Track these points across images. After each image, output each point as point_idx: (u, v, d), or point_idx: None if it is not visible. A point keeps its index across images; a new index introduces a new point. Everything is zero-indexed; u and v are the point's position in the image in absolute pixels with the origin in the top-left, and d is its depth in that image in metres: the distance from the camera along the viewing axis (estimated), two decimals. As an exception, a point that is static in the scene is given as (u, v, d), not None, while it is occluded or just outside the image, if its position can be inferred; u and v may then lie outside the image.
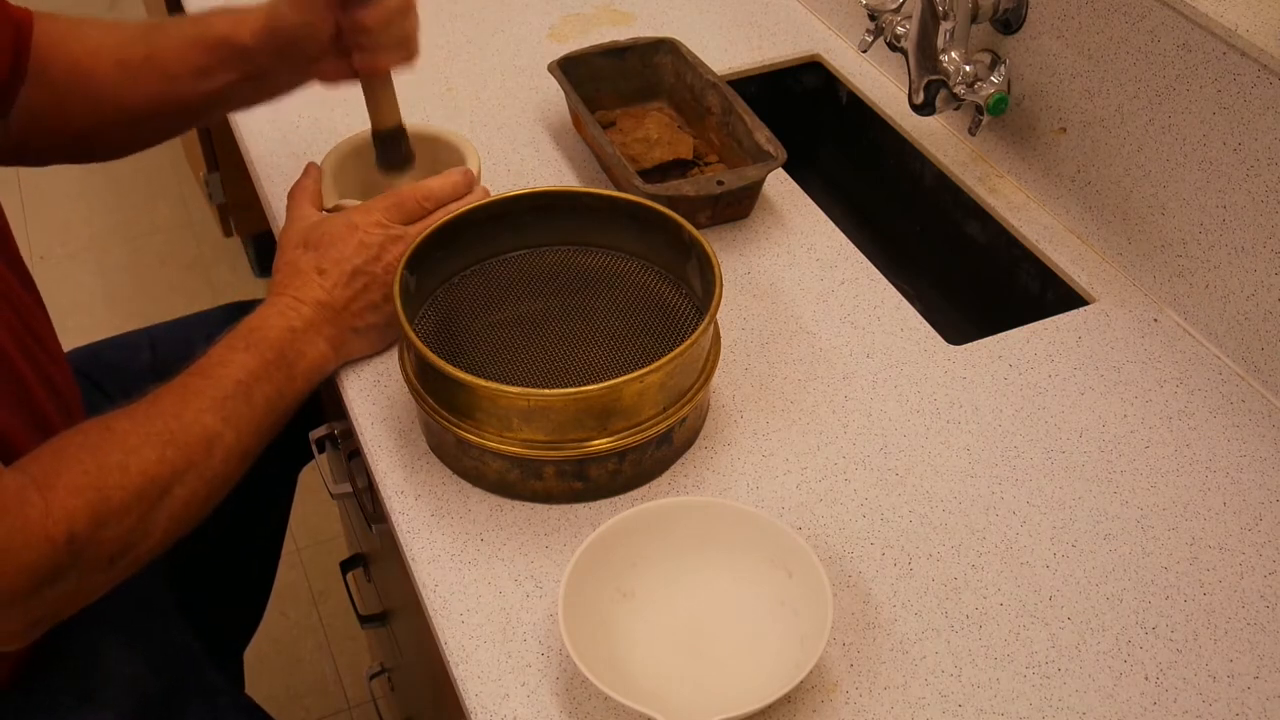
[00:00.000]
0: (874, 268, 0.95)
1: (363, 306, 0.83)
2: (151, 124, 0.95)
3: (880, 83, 1.17)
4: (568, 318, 0.85)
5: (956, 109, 1.02)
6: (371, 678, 1.47)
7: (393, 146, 0.92)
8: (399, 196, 0.85)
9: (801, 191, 1.03)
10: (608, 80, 1.11)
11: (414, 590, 0.75)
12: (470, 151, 0.93)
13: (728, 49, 1.21)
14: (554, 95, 1.14)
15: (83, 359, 1.07)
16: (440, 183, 0.86)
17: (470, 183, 0.88)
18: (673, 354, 0.74)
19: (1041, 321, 0.91)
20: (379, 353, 0.87)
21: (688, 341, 0.75)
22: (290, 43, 0.88)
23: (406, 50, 0.89)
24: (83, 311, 2.30)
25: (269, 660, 1.73)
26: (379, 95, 0.91)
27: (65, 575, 0.69)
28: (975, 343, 0.90)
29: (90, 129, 0.92)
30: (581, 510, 0.77)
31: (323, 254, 0.83)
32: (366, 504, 0.94)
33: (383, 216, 0.84)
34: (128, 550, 0.72)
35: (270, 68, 0.90)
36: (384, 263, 0.83)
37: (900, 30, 1.05)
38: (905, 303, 0.92)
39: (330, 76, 0.92)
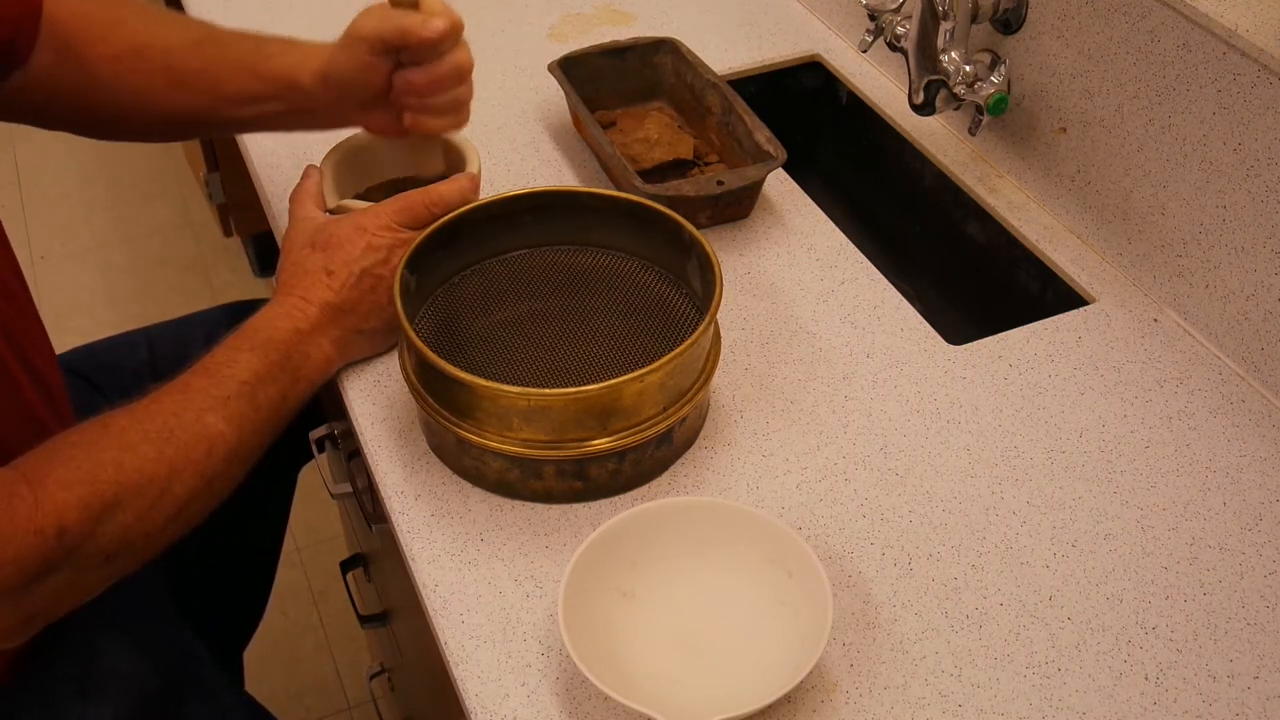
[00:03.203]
0: (874, 268, 0.95)
1: (369, 308, 0.83)
2: (184, 129, 0.96)
3: (880, 83, 1.17)
4: (568, 318, 0.85)
5: (956, 109, 1.02)
6: (371, 678, 1.47)
7: None
8: (408, 201, 0.85)
9: (801, 191, 1.03)
10: (608, 80, 1.11)
11: (414, 590, 0.75)
12: (471, 152, 0.93)
13: (728, 49, 1.21)
14: (554, 95, 1.14)
15: (79, 358, 1.07)
16: (449, 188, 0.86)
17: (477, 187, 0.88)
18: (673, 354, 0.74)
19: (1041, 321, 0.91)
20: (380, 353, 0.87)
21: (688, 341, 0.75)
22: (342, 91, 0.88)
23: (457, 116, 0.89)
24: (83, 312, 2.30)
25: (269, 660, 1.73)
26: (424, 150, 0.92)
27: (57, 569, 0.68)
28: (975, 343, 0.90)
29: (119, 119, 0.92)
30: (581, 510, 0.77)
31: (331, 255, 0.83)
32: (366, 504, 0.95)
33: (392, 220, 0.84)
34: (125, 548, 0.72)
35: (319, 109, 0.90)
36: (392, 265, 0.83)
37: (900, 30, 1.05)
38: (905, 303, 0.92)
39: (378, 128, 0.92)
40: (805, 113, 1.23)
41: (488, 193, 0.88)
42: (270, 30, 0.93)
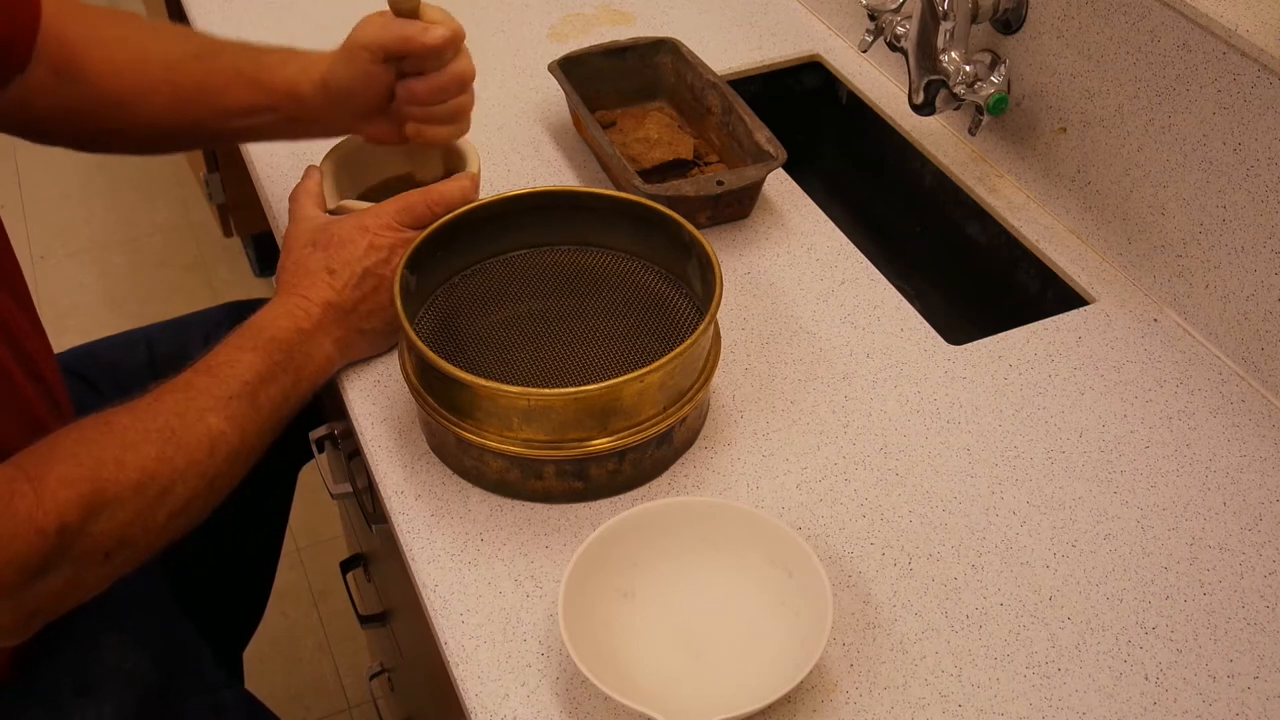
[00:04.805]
0: (874, 268, 0.95)
1: (371, 308, 0.83)
2: (184, 142, 0.96)
3: (880, 83, 1.17)
4: (568, 317, 0.85)
5: (956, 109, 1.02)
6: (371, 678, 1.47)
7: None
8: (409, 200, 0.85)
9: (801, 191, 1.03)
10: (608, 80, 1.11)
11: (414, 590, 0.75)
12: (471, 152, 0.93)
13: (728, 49, 1.21)
14: (554, 95, 1.14)
15: (78, 358, 1.07)
16: (450, 187, 0.86)
17: (477, 187, 0.88)
18: (673, 354, 0.74)
19: (1041, 321, 0.91)
20: (380, 354, 0.87)
21: (688, 341, 0.75)
22: (343, 100, 0.88)
23: (458, 125, 0.90)
24: (82, 312, 2.30)
25: (269, 660, 1.73)
26: (425, 156, 0.93)
27: (57, 567, 0.68)
28: (975, 343, 0.90)
29: (119, 133, 0.92)
30: (581, 510, 0.77)
31: (333, 254, 0.83)
32: (366, 504, 0.95)
33: (393, 219, 0.84)
34: (124, 546, 0.72)
35: (319, 118, 0.91)
36: (393, 265, 0.83)
37: (900, 30, 1.05)
38: (905, 303, 0.92)
39: (379, 137, 0.92)
40: (805, 113, 1.23)
41: (488, 193, 0.88)
42: (271, 34, 0.93)
